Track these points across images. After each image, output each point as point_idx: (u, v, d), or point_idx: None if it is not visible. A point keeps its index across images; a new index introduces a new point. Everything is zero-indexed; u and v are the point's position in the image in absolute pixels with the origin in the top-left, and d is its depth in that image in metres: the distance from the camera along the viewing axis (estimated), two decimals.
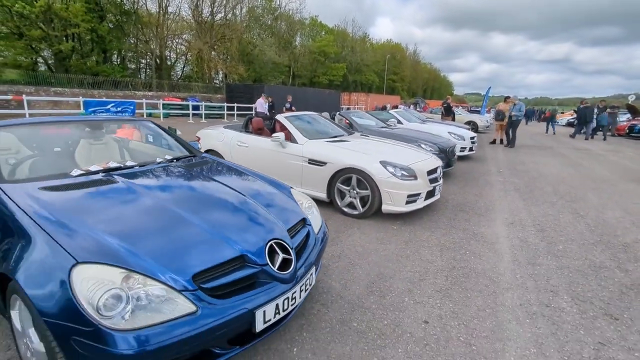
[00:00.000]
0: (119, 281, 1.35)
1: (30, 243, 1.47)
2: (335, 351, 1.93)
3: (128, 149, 2.96)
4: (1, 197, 1.78)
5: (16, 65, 26.54)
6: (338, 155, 4.21)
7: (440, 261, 3.09)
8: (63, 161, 2.43)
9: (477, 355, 1.93)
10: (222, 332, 1.48)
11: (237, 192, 2.21)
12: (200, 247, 1.61)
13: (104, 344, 1.25)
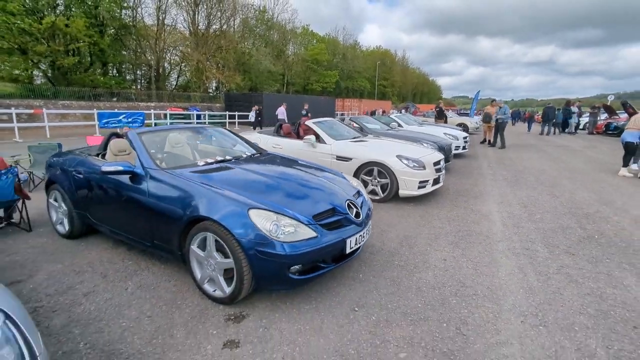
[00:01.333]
0: (274, 218, 2.33)
1: (215, 199, 2.44)
2: (387, 275, 2.92)
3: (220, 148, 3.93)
4: (174, 176, 2.75)
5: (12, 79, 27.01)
6: (361, 152, 5.23)
7: (449, 227, 4.11)
8: (187, 156, 3.40)
9: (481, 274, 2.94)
10: (329, 251, 2.47)
11: (313, 173, 3.21)
12: (312, 203, 2.60)
13: (272, 249, 2.23)
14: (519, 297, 2.60)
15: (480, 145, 12.99)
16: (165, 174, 2.83)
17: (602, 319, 2.33)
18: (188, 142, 3.65)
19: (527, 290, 2.70)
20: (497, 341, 2.10)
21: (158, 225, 2.74)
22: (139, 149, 3.07)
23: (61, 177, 3.58)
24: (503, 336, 2.15)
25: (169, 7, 32.65)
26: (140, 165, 2.94)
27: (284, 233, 2.29)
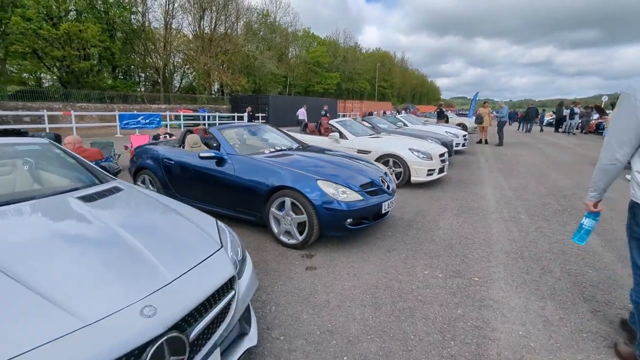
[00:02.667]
0: (334, 186, 3.35)
1: (291, 173, 3.47)
2: (408, 233, 3.95)
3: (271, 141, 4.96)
4: (254, 160, 3.78)
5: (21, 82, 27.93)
6: (378, 146, 6.27)
7: (453, 204, 5.15)
8: (255, 146, 4.43)
9: (478, 232, 3.97)
10: (370, 210, 3.49)
11: (350, 158, 4.25)
12: (357, 177, 3.64)
13: (334, 206, 3.25)
14: (505, 244, 3.64)
15: (477, 144, 14.05)
16: (245, 158, 3.87)
17: (562, 255, 3.36)
18: (251, 135, 4.68)
19: (511, 240, 3.74)
20: (489, 265, 3.14)
21: (242, 196, 3.76)
22: (222, 141, 4.10)
23: (152, 164, 4.60)
24: (493, 263, 3.18)
25: (175, 11, 33.65)
26: (225, 152, 3.97)
27: (342, 196, 3.32)
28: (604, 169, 1.92)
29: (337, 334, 2.18)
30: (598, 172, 1.96)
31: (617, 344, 2.05)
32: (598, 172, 1.96)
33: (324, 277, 2.92)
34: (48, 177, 2.53)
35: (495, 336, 2.17)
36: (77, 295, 1.27)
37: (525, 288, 2.76)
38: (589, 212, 2.14)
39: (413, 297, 2.61)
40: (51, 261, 1.48)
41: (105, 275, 1.44)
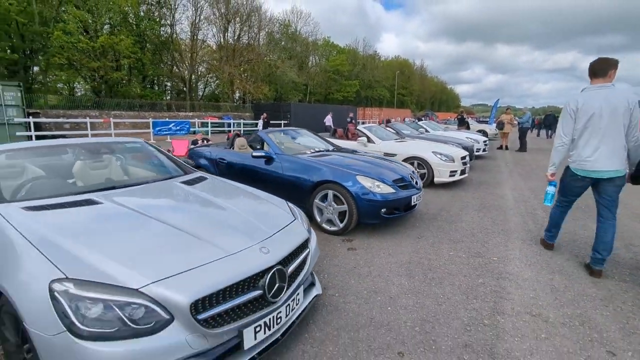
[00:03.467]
0: (371, 180, 3.92)
1: (333, 170, 4.06)
2: (434, 224, 4.46)
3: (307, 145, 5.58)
4: (299, 159, 4.40)
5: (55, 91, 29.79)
6: (403, 149, 6.80)
7: (473, 202, 5.61)
8: (297, 147, 5.07)
9: (497, 224, 4.44)
10: (401, 201, 4.04)
11: (382, 159, 4.81)
12: (389, 174, 4.20)
13: (372, 198, 3.82)
14: (521, 233, 4.11)
15: (498, 150, 14.30)
16: (291, 157, 4.50)
17: (572, 242, 3.81)
18: (292, 138, 5.32)
19: (527, 230, 4.20)
20: (506, 249, 3.62)
21: (289, 189, 4.37)
22: (270, 143, 4.75)
23: (206, 164, 5.30)
24: (509, 247, 3.67)
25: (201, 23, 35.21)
26: (273, 152, 4.61)
27: (377, 189, 3.89)
28: (557, 149, 3.17)
29: (380, 293, 2.73)
30: (553, 152, 3.21)
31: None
32: (553, 152, 3.21)
33: (363, 255, 3.48)
34: (148, 168, 3.21)
35: (510, 297, 2.67)
36: (215, 237, 1.89)
37: (537, 265, 3.24)
38: (550, 181, 3.35)
39: (441, 270, 3.14)
40: (186, 217, 2.13)
41: (227, 226, 2.08)
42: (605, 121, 2.87)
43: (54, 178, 2.61)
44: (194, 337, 1.49)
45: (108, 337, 1.35)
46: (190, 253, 1.72)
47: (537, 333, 2.24)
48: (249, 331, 1.68)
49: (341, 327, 2.30)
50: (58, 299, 1.37)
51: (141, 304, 1.43)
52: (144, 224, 1.97)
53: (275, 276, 1.83)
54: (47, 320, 1.35)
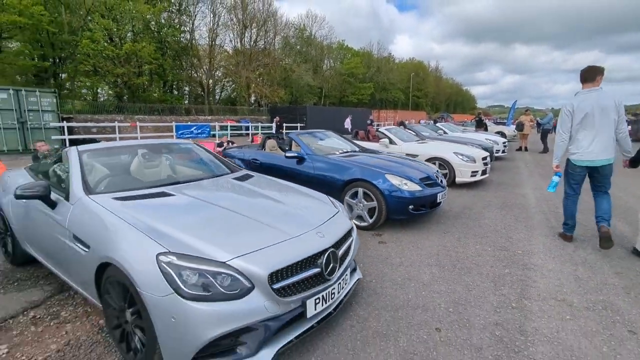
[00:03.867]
0: (399, 178, 4.17)
1: (363, 168, 4.34)
2: (459, 221, 4.67)
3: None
4: (330, 159, 4.69)
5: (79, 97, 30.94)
6: (425, 150, 7.02)
7: (496, 201, 5.78)
8: (325, 148, 5.37)
9: (520, 221, 4.62)
10: (427, 199, 4.27)
11: (406, 159, 5.05)
12: (415, 173, 4.44)
13: (399, 194, 4.07)
14: (544, 229, 4.28)
15: (517, 151, 14.27)
16: (322, 157, 4.80)
17: (594, 238, 3.96)
18: (320, 140, 5.62)
19: (550, 227, 4.37)
20: (530, 243, 3.81)
21: (320, 187, 4.63)
22: (302, 144, 5.05)
23: (240, 164, 5.64)
24: (533, 242, 3.86)
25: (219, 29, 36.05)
26: (305, 153, 4.91)
27: (405, 186, 4.14)
28: (558, 145, 3.75)
29: (413, 280, 2.98)
30: (556, 147, 3.78)
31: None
32: (556, 147, 3.78)
33: (394, 248, 3.74)
34: (201, 166, 3.54)
35: (535, 285, 2.88)
36: (277, 223, 2.19)
37: (561, 258, 3.43)
38: (556, 172, 3.96)
39: (468, 262, 3.37)
40: (246, 206, 2.44)
41: (284, 214, 2.38)
42: (598, 119, 3.45)
43: (127, 174, 2.97)
44: (270, 303, 1.78)
45: (205, 299, 1.66)
46: (260, 235, 2.02)
47: (562, 315, 2.45)
48: (311, 302, 1.97)
49: (381, 307, 2.56)
50: (165, 268, 1.68)
51: (228, 274, 1.73)
52: (215, 211, 2.29)
53: (330, 257, 2.12)
54: (157, 285, 1.67)
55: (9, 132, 12.52)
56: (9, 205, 3.06)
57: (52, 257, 2.59)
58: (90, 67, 27.38)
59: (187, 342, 1.63)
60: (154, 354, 1.76)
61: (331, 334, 2.24)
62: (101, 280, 2.04)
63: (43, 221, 2.53)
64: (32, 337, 2.26)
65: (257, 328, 1.77)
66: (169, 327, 1.65)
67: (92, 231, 2.09)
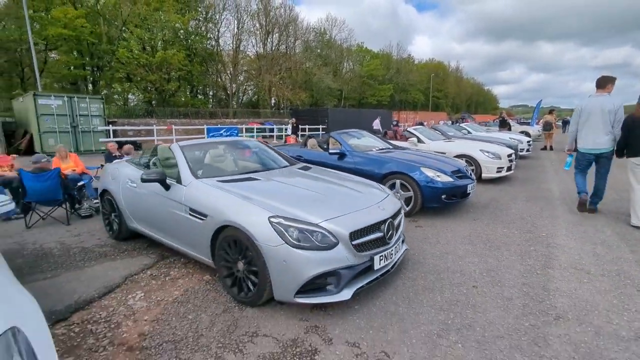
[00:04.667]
0: (433, 171, 4.71)
1: (400, 162, 4.90)
2: (487, 211, 5.15)
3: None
4: (368, 155, 5.28)
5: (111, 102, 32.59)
6: (453, 148, 7.49)
7: (521, 194, 6.21)
8: (362, 145, 5.96)
9: (545, 211, 5.05)
10: (458, 189, 4.79)
11: (436, 154, 5.58)
12: (447, 166, 4.97)
13: (433, 184, 4.61)
14: (567, 217, 4.72)
15: (542, 151, 14.41)
16: (362, 153, 5.39)
17: (614, 223, 4.37)
18: (357, 138, 6.22)
19: (573, 213, 4.80)
20: (554, 228, 4.27)
21: None
22: (343, 142, 5.66)
23: None
24: (557, 227, 4.32)
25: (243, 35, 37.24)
26: (346, 149, 5.52)
27: (438, 178, 4.67)
28: (570, 134, 5.04)
29: (450, 254, 3.53)
30: (569, 136, 5.12)
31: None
32: (569, 136, 5.12)
33: (430, 231, 4.28)
34: (269, 159, 4.17)
35: (557, 258, 3.37)
36: (346, 199, 2.81)
37: (582, 240, 3.88)
38: (569, 154, 5.21)
39: (497, 241, 3.88)
40: (318, 187, 3.06)
41: (349, 193, 3.00)
42: (599, 118, 4.54)
43: (216, 164, 3.67)
44: (350, 255, 2.39)
45: (306, 248, 2.28)
46: (337, 206, 2.64)
47: (580, 279, 2.95)
48: (377, 258, 2.56)
49: (426, 271, 3.12)
50: (276, 227, 2.32)
51: (320, 232, 2.35)
52: (295, 190, 2.95)
53: (389, 225, 2.71)
54: (270, 238, 2.31)
55: (63, 135, 13.74)
56: (119, 190, 3.81)
57: (162, 229, 3.30)
58: (124, 74, 29.04)
59: (294, 279, 2.27)
60: (264, 291, 2.40)
61: (389, 287, 2.83)
62: (215, 242, 2.70)
63: (157, 201, 3.24)
64: (157, 287, 2.95)
65: (340, 273, 2.38)
66: (281, 268, 2.28)
67: (209, 204, 2.76)
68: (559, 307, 2.52)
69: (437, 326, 2.30)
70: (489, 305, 2.55)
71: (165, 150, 3.75)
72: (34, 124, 13.37)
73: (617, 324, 2.30)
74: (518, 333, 2.21)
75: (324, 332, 2.25)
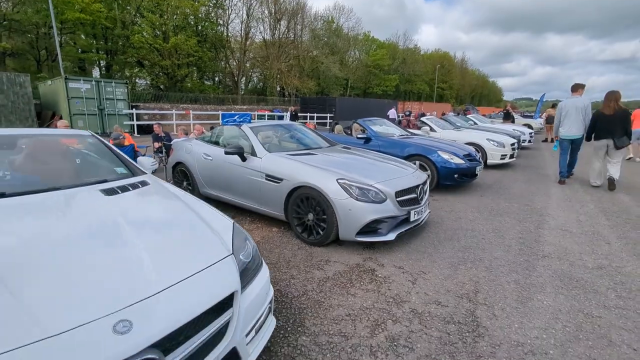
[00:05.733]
0: (448, 154, 5.58)
1: (419, 146, 5.77)
2: (491, 189, 6.03)
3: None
4: (392, 139, 6.15)
5: None
6: (461, 136, 8.34)
7: (522, 178, 7.09)
8: (386, 131, 6.82)
9: (542, 191, 5.94)
10: (469, 170, 5.66)
11: (449, 141, 6.44)
12: (460, 150, 5.83)
13: (448, 165, 5.49)
14: (560, 196, 5.61)
15: (543, 142, 15.24)
16: (385, 138, 6.25)
17: (598, 202, 5.26)
18: (379, 125, 7.06)
19: (564, 194, 5.69)
20: (548, 203, 5.16)
21: None
22: (368, 127, 6.52)
23: None
24: (549, 202, 5.21)
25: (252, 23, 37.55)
26: (371, 134, 6.37)
27: (451, 160, 5.54)
28: (555, 126, 6.74)
29: (463, 219, 4.42)
30: (554, 127, 6.84)
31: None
32: (554, 127, 6.84)
33: (445, 203, 5.17)
34: (313, 140, 5.03)
35: (548, 223, 4.27)
36: (388, 169, 3.67)
37: (569, 211, 4.78)
38: (556, 140, 6.87)
39: (501, 211, 4.77)
40: (364, 161, 3.93)
41: (388, 166, 3.86)
42: (573, 114, 6.18)
43: (277, 142, 4.55)
44: (395, 207, 3.28)
45: (365, 201, 3.17)
46: (383, 173, 3.52)
47: (564, 236, 3.85)
48: (413, 212, 3.46)
49: (445, 229, 4.03)
50: (343, 185, 3.21)
51: (374, 190, 3.23)
52: (349, 161, 3.82)
53: (421, 188, 3.59)
54: (339, 194, 3.20)
55: (91, 118, 14.56)
56: (195, 162, 4.69)
57: (237, 192, 4.18)
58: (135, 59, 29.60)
59: (356, 223, 3.16)
60: (331, 233, 3.30)
61: (419, 237, 3.73)
62: (289, 200, 3.59)
63: (234, 170, 4.11)
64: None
65: (387, 221, 3.27)
66: (347, 215, 3.18)
67: (284, 171, 3.63)
68: (545, 251, 3.43)
69: (456, 259, 3.21)
70: (494, 249, 3.45)
71: (232, 129, 4.62)
72: (64, 107, 14.16)
73: (586, 260, 3.21)
74: (515, 264, 3.12)
75: (377, 261, 3.16)
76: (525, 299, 2.55)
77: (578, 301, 2.53)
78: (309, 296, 2.55)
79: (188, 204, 2.14)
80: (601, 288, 2.73)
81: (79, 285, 1.25)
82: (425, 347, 2.02)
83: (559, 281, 2.82)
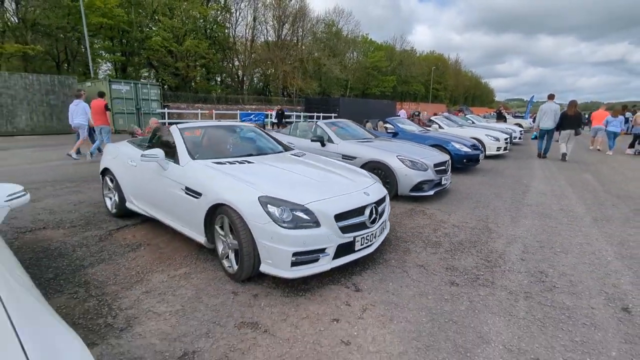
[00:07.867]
0: (459, 145, 7.43)
1: (436, 139, 7.62)
2: (490, 174, 7.91)
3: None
4: (414, 133, 8.00)
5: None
6: (465, 133, 10.22)
7: (513, 165, 8.99)
8: (408, 128, 8.65)
9: (529, 173, 7.83)
10: (474, 156, 7.52)
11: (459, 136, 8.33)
12: (468, 142, 7.70)
13: (460, 153, 7.35)
14: (542, 175, 7.50)
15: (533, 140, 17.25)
16: (409, 133, 8.10)
17: (584, 182, 7.16)
18: (402, 123, 8.90)
19: (545, 175, 7.59)
20: (532, 181, 7.05)
21: None
22: (395, 124, 8.35)
23: None
24: (534, 181, 7.10)
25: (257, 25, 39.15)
26: (398, 130, 8.20)
27: (461, 149, 7.39)
28: (536, 122, 11.01)
29: (471, 188, 6.27)
30: (535, 123, 11.71)
31: None
32: (535, 123, 11.71)
33: (456, 179, 7.00)
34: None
35: (531, 191, 6.14)
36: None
37: (547, 185, 6.67)
38: (535, 131, 11.29)
39: (497, 185, 6.64)
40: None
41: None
42: (549, 114, 9.85)
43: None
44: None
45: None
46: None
47: (543, 196, 5.73)
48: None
49: (460, 192, 5.86)
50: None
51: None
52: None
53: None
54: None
55: (129, 116, 16.20)
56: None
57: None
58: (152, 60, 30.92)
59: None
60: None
61: (445, 197, 5.57)
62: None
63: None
64: None
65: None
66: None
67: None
68: (529, 203, 5.31)
69: (472, 206, 5.08)
70: (494, 203, 5.31)
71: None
72: None
73: (559, 208, 5.08)
74: (507, 209, 4.99)
75: (423, 206, 4.98)
76: (515, 221, 4.41)
77: (545, 222, 4.39)
78: (396, 219, 4.38)
79: (337, 162, 4.04)
80: (560, 217, 4.60)
81: (340, 180, 3.23)
82: (461, 237, 3.85)
83: (536, 215, 4.69)
